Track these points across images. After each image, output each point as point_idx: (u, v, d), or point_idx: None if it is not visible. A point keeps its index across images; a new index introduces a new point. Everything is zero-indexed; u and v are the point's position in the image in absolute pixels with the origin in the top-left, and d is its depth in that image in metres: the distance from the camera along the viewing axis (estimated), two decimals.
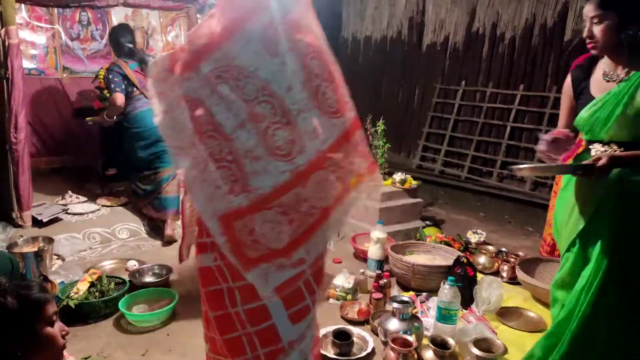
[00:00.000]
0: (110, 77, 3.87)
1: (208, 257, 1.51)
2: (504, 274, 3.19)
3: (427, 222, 4.16)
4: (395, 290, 2.87)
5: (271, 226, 1.31)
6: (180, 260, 2.05)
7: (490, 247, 3.61)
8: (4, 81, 3.53)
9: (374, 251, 3.13)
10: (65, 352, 2.13)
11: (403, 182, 4.04)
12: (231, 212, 1.29)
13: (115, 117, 4.06)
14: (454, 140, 6.44)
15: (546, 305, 2.75)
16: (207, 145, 1.28)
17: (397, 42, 7.29)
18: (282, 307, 1.43)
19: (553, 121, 5.37)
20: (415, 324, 2.30)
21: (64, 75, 5.80)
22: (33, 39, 5.63)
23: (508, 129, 5.77)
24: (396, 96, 7.35)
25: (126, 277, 2.88)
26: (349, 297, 2.81)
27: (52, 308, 1.59)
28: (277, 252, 1.33)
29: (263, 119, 1.28)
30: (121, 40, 3.99)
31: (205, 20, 1.34)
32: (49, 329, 1.56)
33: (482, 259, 3.33)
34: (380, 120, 4.11)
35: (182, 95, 1.30)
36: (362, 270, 3.14)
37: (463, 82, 6.37)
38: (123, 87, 3.86)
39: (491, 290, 2.64)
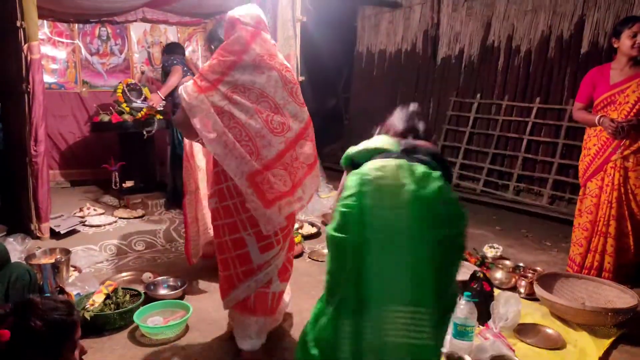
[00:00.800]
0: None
1: (212, 202, 2.32)
2: (522, 290, 3.13)
3: None
4: None
5: (279, 177, 2.18)
6: (189, 262, 2.98)
7: (507, 262, 3.56)
8: (25, 95, 3.61)
9: None
10: None
11: None
12: (253, 171, 2.12)
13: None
14: (469, 153, 6.39)
15: (565, 321, 2.71)
16: (233, 133, 2.10)
17: (412, 55, 7.30)
18: (255, 241, 2.21)
19: (570, 134, 5.31)
20: None
21: (84, 89, 5.93)
22: (54, 54, 5.78)
23: (524, 141, 5.72)
24: None
25: (141, 289, 2.89)
26: None
27: (77, 333, 1.59)
28: (285, 193, 2.19)
29: (264, 111, 2.15)
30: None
31: (210, 61, 2.19)
32: (70, 354, 1.56)
33: (499, 274, 3.28)
34: None
35: (211, 105, 2.11)
36: None
37: (478, 95, 6.34)
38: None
39: (508, 306, 2.59)
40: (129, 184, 4.95)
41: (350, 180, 1.61)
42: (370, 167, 1.59)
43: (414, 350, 1.50)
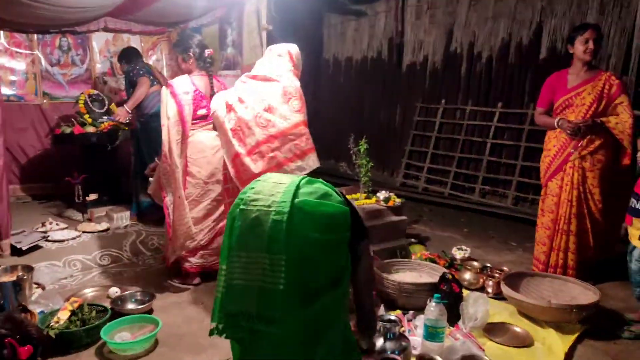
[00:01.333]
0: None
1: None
2: (489, 290, 3.19)
3: (412, 240, 4.17)
4: (381, 309, 2.85)
5: (254, 162, 2.99)
6: (167, 264, 3.42)
7: (475, 263, 3.62)
8: None
9: None
10: None
11: (387, 200, 4.05)
12: (236, 154, 3.04)
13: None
14: (436, 157, 6.50)
15: (532, 319, 2.77)
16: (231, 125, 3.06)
17: (378, 62, 7.40)
18: None
19: (532, 137, 5.46)
20: (403, 343, 2.28)
21: (44, 101, 5.77)
22: (12, 65, 5.61)
23: (488, 145, 5.86)
24: (378, 115, 7.43)
25: (108, 305, 2.82)
26: None
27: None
28: (254, 175, 2.76)
29: (257, 109, 2.99)
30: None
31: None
32: None
33: (467, 275, 3.33)
34: (363, 139, 4.14)
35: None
36: None
37: (443, 101, 6.47)
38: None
39: (477, 307, 2.64)
40: (92, 197, 4.82)
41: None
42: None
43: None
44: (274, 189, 1.74)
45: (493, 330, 2.64)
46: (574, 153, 3.21)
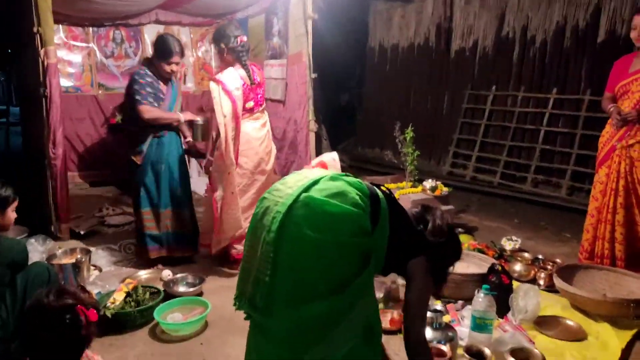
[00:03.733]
0: None
1: None
2: (541, 282, 3.10)
3: (460, 230, 4.09)
4: None
5: None
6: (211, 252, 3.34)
7: (526, 254, 3.52)
8: (43, 99, 3.67)
9: None
10: None
11: (434, 189, 3.99)
12: None
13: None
14: (486, 145, 6.33)
15: (586, 313, 2.67)
16: None
17: (425, 49, 7.25)
18: None
19: (588, 124, 5.23)
20: (450, 333, 2.26)
21: (100, 92, 6.00)
22: (70, 58, 5.85)
23: (542, 133, 5.65)
24: (425, 103, 7.30)
25: (161, 287, 2.93)
26: (381, 306, 2.78)
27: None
28: None
29: None
30: None
31: None
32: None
33: (517, 267, 3.24)
34: (409, 128, 4.08)
35: None
36: (392, 279, 3.11)
37: (493, 87, 6.27)
38: None
39: (528, 299, 2.57)
40: None
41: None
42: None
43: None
44: (297, 182, 1.66)
45: (544, 323, 2.56)
46: (621, 141, 3.07)
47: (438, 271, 1.79)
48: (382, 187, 1.79)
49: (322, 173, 1.74)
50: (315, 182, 1.63)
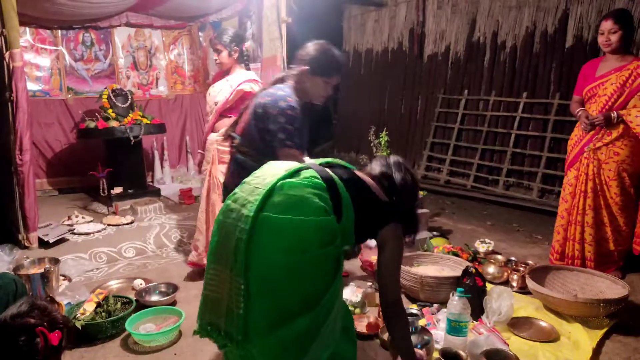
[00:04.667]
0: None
1: None
2: (514, 284, 3.14)
3: (434, 233, 4.13)
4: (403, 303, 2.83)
5: None
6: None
7: (499, 257, 3.57)
8: (9, 104, 3.56)
9: None
10: None
11: None
12: None
13: None
14: (459, 149, 6.42)
15: (558, 314, 2.72)
16: None
17: (399, 53, 7.32)
18: None
19: (558, 128, 5.34)
20: (425, 337, 2.27)
21: (69, 96, 5.87)
22: (37, 61, 5.71)
23: (513, 136, 5.75)
24: (399, 107, 7.36)
25: (133, 297, 2.86)
26: (357, 310, 2.77)
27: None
28: None
29: None
30: None
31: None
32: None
33: (491, 269, 3.29)
34: (384, 132, 4.10)
35: None
36: (369, 283, 3.11)
37: (466, 92, 6.37)
38: None
39: (501, 301, 2.59)
40: (117, 190, 4.90)
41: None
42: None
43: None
44: (250, 195, 1.53)
45: (518, 324, 2.60)
46: (589, 144, 3.15)
47: (408, 228, 1.83)
48: (336, 164, 1.77)
49: (275, 175, 1.59)
50: (270, 193, 1.51)
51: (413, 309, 2.61)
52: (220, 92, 3.32)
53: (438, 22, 6.69)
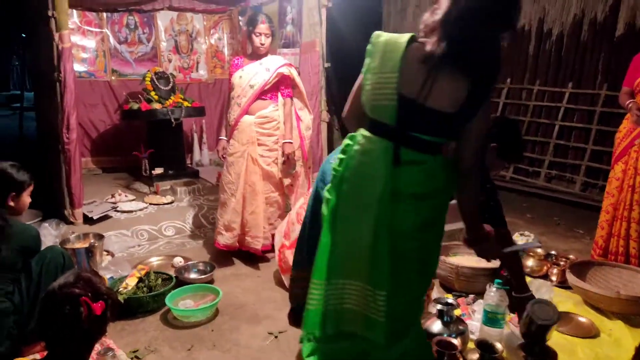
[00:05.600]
0: None
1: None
2: (554, 278, 3.08)
3: None
4: (436, 292, 2.82)
5: None
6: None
7: (539, 250, 3.48)
8: (57, 84, 3.68)
9: None
10: (113, 345, 2.20)
11: None
12: None
13: None
14: None
15: (599, 310, 2.65)
16: None
17: None
18: None
19: (604, 119, 5.15)
20: (460, 327, 2.25)
21: (113, 77, 6.01)
22: (84, 43, 5.86)
23: (556, 127, 5.58)
24: None
25: (172, 274, 2.95)
26: None
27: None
28: None
29: None
30: None
31: None
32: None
33: (530, 262, 3.22)
34: None
35: None
36: None
37: (508, 80, 6.20)
38: None
39: (540, 295, 2.55)
40: (158, 170, 5.02)
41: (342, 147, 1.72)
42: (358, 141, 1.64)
43: (368, 323, 1.61)
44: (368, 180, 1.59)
45: None
46: (638, 138, 3.01)
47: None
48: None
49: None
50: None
51: (448, 298, 2.59)
52: (256, 75, 3.28)
53: None
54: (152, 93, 5.21)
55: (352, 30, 7.11)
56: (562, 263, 3.19)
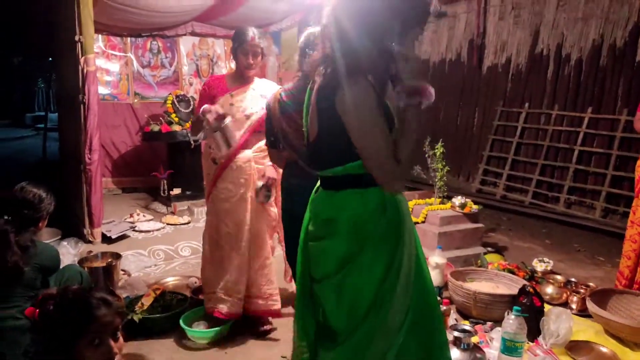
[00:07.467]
0: None
1: None
2: (574, 306, 3.00)
3: (489, 249, 4.01)
4: (453, 319, 2.77)
5: None
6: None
7: (558, 277, 3.42)
8: (81, 106, 3.78)
9: (432, 277, 3.01)
10: None
11: (463, 206, 3.93)
12: None
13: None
14: (517, 164, 6.22)
15: (620, 340, 2.58)
16: None
17: (456, 64, 7.20)
18: None
19: (624, 145, 5.08)
20: (478, 355, 2.21)
21: (135, 100, 6.15)
22: (108, 67, 6.03)
23: (576, 152, 5.52)
24: (455, 119, 7.23)
25: (187, 294, 2.96)
26: None
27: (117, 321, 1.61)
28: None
29: None
30: None
31: None
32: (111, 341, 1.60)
33: (549, 289, 3.16)
34: (439, 143, 4.05)
35: None
36: None
37: (526, 105, 6.17)
38: None
39: (560, 323, 2.49)
40: (176, 191, 5.09)
41: None
42: None
43: None
44: None
45: (576, 348, 2.48)
46: None
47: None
48: None
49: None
50: None
51: (465, 325, 2.54)
52: (251, 102, 2.67)
53: (499, 33, 6.54)
54: (173, 115, 5.32)
55: None
56: (582, 291, 3.12)
